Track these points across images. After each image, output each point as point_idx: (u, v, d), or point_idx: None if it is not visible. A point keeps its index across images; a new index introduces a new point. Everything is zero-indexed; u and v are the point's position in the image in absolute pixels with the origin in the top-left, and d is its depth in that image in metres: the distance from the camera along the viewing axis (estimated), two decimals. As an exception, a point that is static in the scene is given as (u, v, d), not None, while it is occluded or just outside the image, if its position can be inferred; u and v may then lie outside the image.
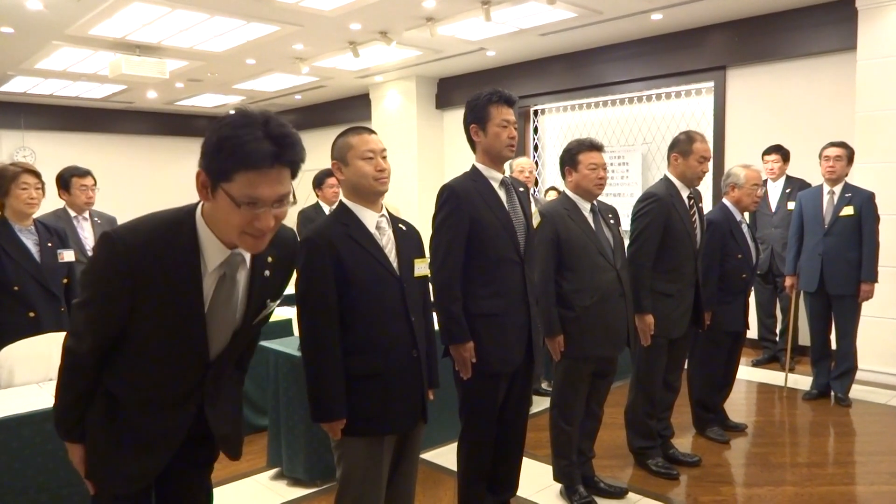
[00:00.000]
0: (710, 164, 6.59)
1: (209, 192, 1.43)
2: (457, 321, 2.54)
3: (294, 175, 1.48)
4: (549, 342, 2.97)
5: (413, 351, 2.17)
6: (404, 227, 2.28)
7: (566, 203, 3.07)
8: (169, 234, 1.49)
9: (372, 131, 2.23)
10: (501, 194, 2.67)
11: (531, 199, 2.91)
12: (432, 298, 2.60)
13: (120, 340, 1.59)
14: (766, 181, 5.42)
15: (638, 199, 3.47)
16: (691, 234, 3.42)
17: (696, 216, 3.49)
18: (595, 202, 3.10)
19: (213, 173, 1.41)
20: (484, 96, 2.64)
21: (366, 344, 2.11)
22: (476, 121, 2.66)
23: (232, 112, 1.45)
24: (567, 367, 3.03)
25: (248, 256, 1.59)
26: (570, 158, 3.07)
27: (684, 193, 3.45)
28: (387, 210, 2.26)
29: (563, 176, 3.12)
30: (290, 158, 1.42)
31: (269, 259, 1.63)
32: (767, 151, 5.49)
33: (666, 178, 3.48)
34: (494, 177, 2.68)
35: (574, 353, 2.98)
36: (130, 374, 1.62)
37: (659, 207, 3.34)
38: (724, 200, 3.91)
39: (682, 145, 3.44)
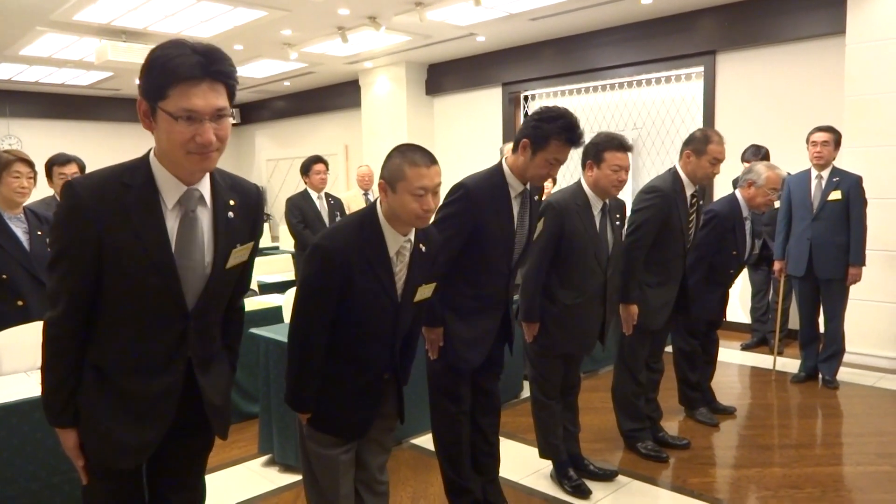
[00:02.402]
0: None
1: (151, 119, 1.50)
2: (430, 310, 2.51)
3: (231, 94, 1.52)
4: (524, 325, 3.00)
5: (385, 374, 2.17)
6: (424, 248, 2.16)
7: (579, 198, 2.97)
8: (126, 175, 1.55)
9: (431, 161, 2.03)
10: (515, 205, 2.63)
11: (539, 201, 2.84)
12: None
13: (96, 304, 1.57)
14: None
15: (641, 190, 3.42)
16: (685, 232, 3.41)
17: (695, 215, 3.48)
18: (607, 200, 3.03)
19: (149, 95, 1.48)
20: (555, 126, 2.50)
21: (342, 355, 2.10)
22: (536, 145, 2.52)
23: None
24: (538, 352, 3.07)
25: (207, 195, 1.62)
26: (595, 153, 2.92)
27: (689, 191, 3.41)
28: (413, 234, 2.12)
29: (584, 167, 2.99)
30: (219, 69, 1.48)
31: (231, 202, 1.67)
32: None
33: (674, 172, 3.43)
34: (515, 187, 2.62)
35: (544, 344, 3.01)
36: (112, 339, 1.60)
37: (661, 203, 3.31)
38: (737, 192, 3.85)
39: (697, 143, 3.36)
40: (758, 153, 5.30)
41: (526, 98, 8.21)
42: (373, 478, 2.27)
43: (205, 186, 1.62)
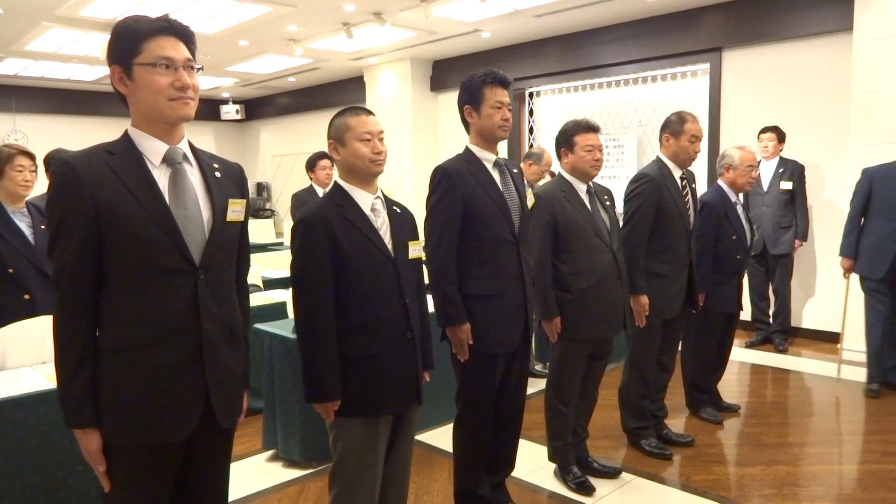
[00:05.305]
0: (706, 146, 6.63)
1: (126, 80, 1.61)
2: (453, 303, 2.54)
3: (192, 53, 1.66)
4: (545, 325, 2.97)
5: (407, 333, 2.17)
6: (398, 210, 2.27)
7: (562, 185, 3.06)
8: (108, 146, 1.64)
9: (370, 112, 2.21)
10: (495, 175, 2.67)
11: (525, 181, 2.90)
12: (428, 281, 2.60)
13: (102, 280, 1.58)
14: (759, 161, 5.43)
15: (630, 180, 3.46)
16: (684, 214, 3.42)
17: (689, 196, 3.49)
18: (591, 184, 3.10)
19: (122, 57, 1.60)
20: (478, 77, 2.63)
21: (360, 325, 2.11)
22: (470, 102, 2.66)
23: None
24: (564, 348, 3.04)
25: (190, 156, 1.71)
26: (566, 140, 3.06)
27: (677, 174, 3.45)
28: (382, 192, 2.25)
29: (559, 157, 3.11)
30: (179, 25, 1.65)
31: (215, 166, 1.78)
32: (763, 130, 5.52)
33: (658, 159, 3.48)
34: (488, 158, 2.68)
35: (571, 335, 2.99)
36: (125, 312, 1.59)
37: (651, 188, 3.34)
38: (720, 182, 3.92)
39: (674, 126, 3.43)
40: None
41: (531, 95, 8.20)
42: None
43: (186, 148, 1.71)
